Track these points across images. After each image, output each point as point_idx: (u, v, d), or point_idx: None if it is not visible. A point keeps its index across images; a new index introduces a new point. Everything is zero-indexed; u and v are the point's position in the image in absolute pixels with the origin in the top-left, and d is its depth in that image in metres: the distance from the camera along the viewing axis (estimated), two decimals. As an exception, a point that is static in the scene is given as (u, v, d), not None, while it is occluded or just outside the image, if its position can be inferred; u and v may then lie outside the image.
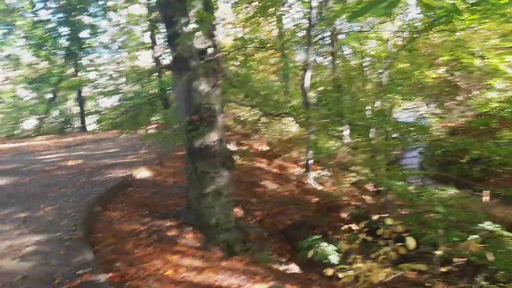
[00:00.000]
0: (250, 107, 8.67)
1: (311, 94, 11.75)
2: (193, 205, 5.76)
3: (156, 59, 19.90)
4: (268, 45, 12.54)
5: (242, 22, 14.34)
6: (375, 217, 3.25)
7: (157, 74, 18.39)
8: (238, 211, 7.21)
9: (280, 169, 11.34)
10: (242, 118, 12.54)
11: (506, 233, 4.94)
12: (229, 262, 4.76)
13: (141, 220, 5.72)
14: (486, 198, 12.64)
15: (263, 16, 14.20)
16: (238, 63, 11.28)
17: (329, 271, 2.95)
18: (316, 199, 8.99)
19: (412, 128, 9.23)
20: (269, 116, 7.33)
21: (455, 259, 2.87)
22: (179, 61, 5.52)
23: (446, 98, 17.54)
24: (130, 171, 8.13)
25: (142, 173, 8.21)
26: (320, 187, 10.57)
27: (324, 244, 4.89)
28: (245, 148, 11.54)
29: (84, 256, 3.96)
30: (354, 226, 3.28)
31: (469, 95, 17.09)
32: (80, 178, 7.65)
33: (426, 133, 8.67)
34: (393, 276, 2.53)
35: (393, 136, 12.83)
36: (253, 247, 6.13)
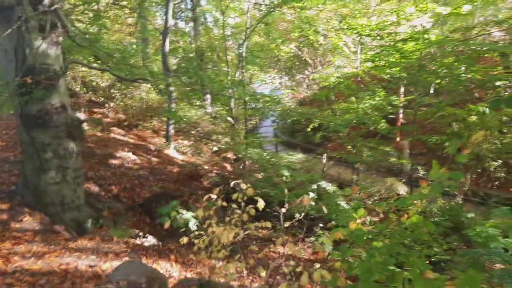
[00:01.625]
0: (100, 71, 7.76)
1: (172, 61, 11.30)
2: (31, 183, 4.94)
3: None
4: (123, 2, 11.42)
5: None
6: (232, 183, 3.35)
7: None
8: (90, 187, 6.57)
9: (138, 139, 10.74)
10: (93, 83, 11.23)
11: (333, 188, 5.87)
12: (77, 243, 4.32)
13: (-43, 205, 4.63)
14: (324, 160, 14.70)
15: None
16: (87, 19, 9.91)
17: (185, 240, 2.94)
18: (177, 169, 8.89)
19: (267, 99, 9.90)
20: (123, 81, 6.70)
21: (296, 215, 3.21)
22: (4, 9, 4.49)
23: (296, 71, 19.39)
24: None
25: (-42, 147, 6.61)
26: (181, 157, 10.48)
27: (183, 211, 4.89)
28: (97, 117, 10.46)
29: None
30: (212, 194, 3.32)
31: (315, 70, 19.30)
32: None
33: (279, 103, 9.42)
34: (242, 235, 2.67)
35: (251, 106, 13.58)
36: (106, 224, 5.71)
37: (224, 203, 3.26)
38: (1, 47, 4.74)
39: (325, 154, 14.53)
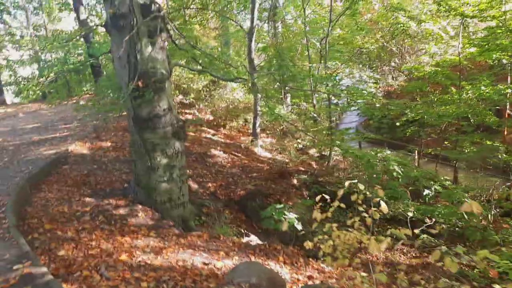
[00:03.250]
0: (199, 72, 8.07)
1: (256, 61, 11.37)
2: (143, 181, 5.27)
3: (82, 21, 17.83)
4: (210, 6, 11.80)
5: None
6: (347, 183, 3.10)
7: (83, 39, 16.58)
8: (189, 184, 6.84)
9: (227, 138, 11.01)
10: (184, 86, 11.82)
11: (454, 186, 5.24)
12: (188, 239, 4.46)
13: (82, 201, 5.12)
14: (416, 157, 13.59)
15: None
16: (177, 25, 10.43)
17: (309, 244, 2.78)
18: (267, 167, 8.89)
19: (355, 94, 9.39)
20: (221, 81, 6.84)
21: (427, 220, 2.86)
22: (118, 19, 4.81)
23: (381, 63, 18.27)
24: (63, 147, 7.25)
25: (78, 148, 7.37)
26: (268, 155, 10.49)
27: (286, 212, 4.79)
28: (193, 117, 10.95)
29: (18, 248, 3.38)
30: (325, 196, 3.11)
31: (402, 60, 17.98)
32: (3, 157, 6.65)
33: (374, 97, 8.88)
34: (389, 246, 2.37)
35: (334, 101, 13.10)
36: (208, 221, 5.87)
37: (343, 205, 3.04)
38: (116, 54, 5.11)
39: (417, 151, 13.42)
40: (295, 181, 8.67)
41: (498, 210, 7.43)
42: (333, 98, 12.44)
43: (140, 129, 5.07)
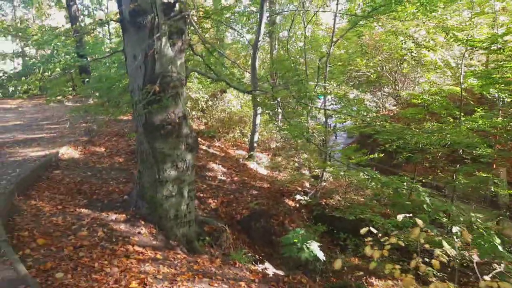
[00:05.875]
0: (213, 81, 7.66)
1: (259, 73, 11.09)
2: (148, 194, 4.76)
3: (74, 19, 17.12)
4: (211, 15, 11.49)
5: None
6: (399, 216, 2.77)
7: (74, 37, 15.90)
8: (190, 199, 6.35)
9: (222, 151, 10.56)
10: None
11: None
12: (200, 265, 3.97)
13: (78, 212, 4.56)
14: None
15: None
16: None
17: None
18: (266, 184, 8.49)
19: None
20: (240, 91, 6.47)
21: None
22: (137, 15, 4.38)
23: (376, 88, 18.40)
24: (53, 149, 6.62)
25: (69, 152, 6.76)
26: (264, 172, 10.10)
27: (310, 241, 4.40)
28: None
29: (13, 269, 2.83)
30: (373, 229, 2.76)
31: (395, 87, 18.18)
32: (-16, 157, 5.99)
33: (386, 120, 8.69)
34: None
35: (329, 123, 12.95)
36: (212, 242, 5.39)
37: (401, 242, 2.69)
38: (130, 54, 4.66)
39: (407, 178, 13.37)
40: (295, 202, 8.30)
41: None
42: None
43: (151, 137, 4.60)
